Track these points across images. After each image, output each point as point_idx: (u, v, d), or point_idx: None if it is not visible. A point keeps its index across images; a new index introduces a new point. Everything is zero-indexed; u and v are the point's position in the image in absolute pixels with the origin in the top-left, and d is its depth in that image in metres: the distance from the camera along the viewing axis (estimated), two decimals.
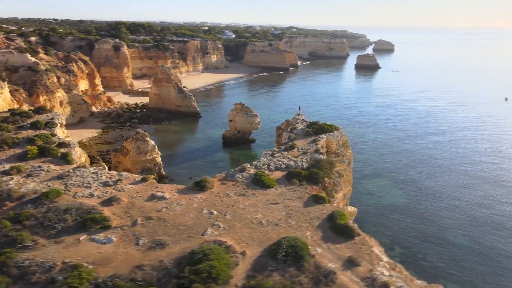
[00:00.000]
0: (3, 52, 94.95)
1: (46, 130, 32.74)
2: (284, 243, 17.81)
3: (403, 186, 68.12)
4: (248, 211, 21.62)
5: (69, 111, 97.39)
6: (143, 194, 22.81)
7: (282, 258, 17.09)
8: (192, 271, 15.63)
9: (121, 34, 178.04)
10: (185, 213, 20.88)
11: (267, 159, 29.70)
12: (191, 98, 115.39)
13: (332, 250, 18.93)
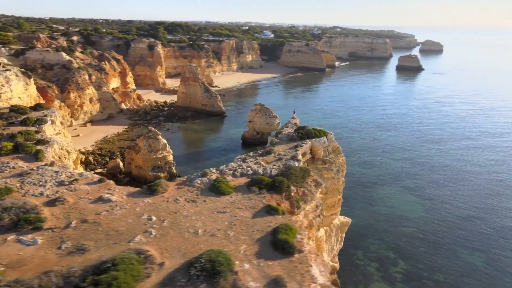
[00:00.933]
0: (41, 50, 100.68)
1: (35, 127, 33.90)
2: (204, 256, 16.79)
3: (421, 195, 63.92)
4: (190, 219, 20.77)
5: (98, 107, 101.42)
6: (92, 195, 22.70)
7: (195, 273, 16.09)
8: (93, 281, 15.10)
9: (159, 34, 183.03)
10: (123, 217, 20.45)
11: (236, 164, 28.65)
12: (216, 98, 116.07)
13: (262, 267, 17.60)
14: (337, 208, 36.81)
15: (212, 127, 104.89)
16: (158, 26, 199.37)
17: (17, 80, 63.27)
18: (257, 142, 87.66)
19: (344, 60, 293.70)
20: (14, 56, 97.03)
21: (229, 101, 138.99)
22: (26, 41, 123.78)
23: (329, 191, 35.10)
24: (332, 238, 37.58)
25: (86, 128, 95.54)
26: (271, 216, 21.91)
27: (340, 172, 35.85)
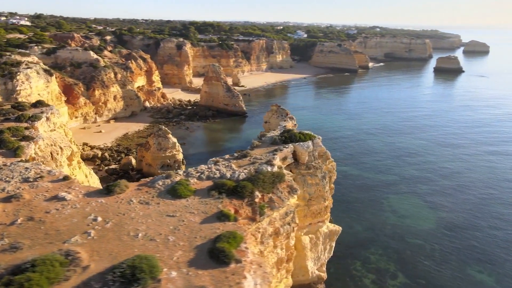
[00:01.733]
0: (70, 49, 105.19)
1: (28, 123, 35.19)
2: (126, 262, 16.41)
3: (436, 205, 60.33)
4: (135, 221, 20.48)
5: (122, 105, 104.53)
6: (50, 193, 23.03)
7: (112, 279, 15.73)
8: (7, 281, 15.14)
9: (189, 34, 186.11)
10: (69, 217, 20.53)
11: (205, 167, 28.10)
12: (238, 97, 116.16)
13: (190, 276, 16.94)
14: (323, 216, 35.32)
15: (231, 126, 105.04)
16: (189, 26, 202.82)
17: (37, 77, 66.32)
18: None
19: (379, 61, 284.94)
20: (46, 55, 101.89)
21: (253, 101, 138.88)
22: (62, 40, 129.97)
23: (314, 198, 33.75)
24: (319, 246, 36.15)
25: (109, 125, 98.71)
26: (221, 223, 21.19)
27: (327, 179, 34.33)
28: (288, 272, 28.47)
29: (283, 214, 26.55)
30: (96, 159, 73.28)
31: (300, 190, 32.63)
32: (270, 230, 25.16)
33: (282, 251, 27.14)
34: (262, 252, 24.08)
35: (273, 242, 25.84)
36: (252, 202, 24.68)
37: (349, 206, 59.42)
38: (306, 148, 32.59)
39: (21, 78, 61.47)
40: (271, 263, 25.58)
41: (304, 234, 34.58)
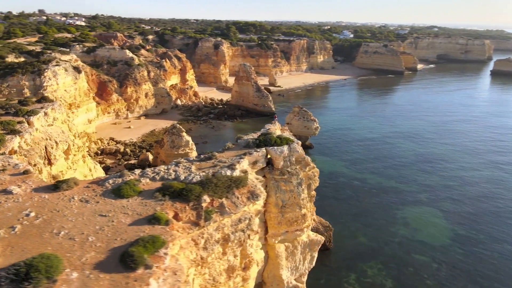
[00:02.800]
0: (108, 48, 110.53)
1: (24, 118, 37.25)
2: (26, 260, 16.55)
3: (456, 221, 55.53)
4: (65, 219, 20.68)
5: (153, 102, 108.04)
6: (3, 186, 23.98)
7: (6, 276, 15.90)
8: None
9: (230, 33, 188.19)
10: (7, 210, 21.18)
11: (164, 168, 27.80)
12: (267, 98, 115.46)
13: (90, 279, 16.70)
14: (301, 224, 33.65)
15: (257, 127, 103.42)
16: (230, 26, 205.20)
17: (65, 74, 70.27)
18: None
19: (431, 63, 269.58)
20: (86, 53, 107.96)
21: (285, 102, 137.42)
22: (106, 39, 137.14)
23: (288, 205, 32.28)
24: (296, 255, 34.57)
25: (139, 121, 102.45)
26: (149, 226, 20.80)
27: (304, 186, 32.65)
28: (245, 280, 27.47)
29: (236, 221, 25.60)
30: (117, 154, 76.30)
31: (273, 196, 31.49)
32: (218, 236, 24.35)
33: (236, 258, 26.24)
34: (204, 258, 23.34)
35: (222, 249, 25.02)
36: (197, 206, 24.03)
37: (358, 214, 56.59)
38: (279, 153, 31.26)
39: (48, 75, 65.48)
40: (219, 270, 24.78)
41: (279, 242, 33.24)
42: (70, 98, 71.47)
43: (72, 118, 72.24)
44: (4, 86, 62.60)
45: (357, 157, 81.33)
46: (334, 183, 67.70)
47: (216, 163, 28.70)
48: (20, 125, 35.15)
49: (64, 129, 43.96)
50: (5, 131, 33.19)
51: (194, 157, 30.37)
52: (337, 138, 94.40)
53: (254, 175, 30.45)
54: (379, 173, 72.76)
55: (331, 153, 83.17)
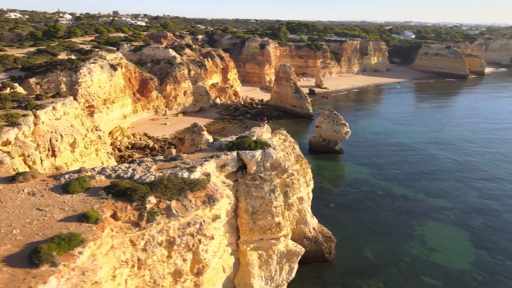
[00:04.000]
0: (153, 47, 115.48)
1: (32, 111, 39.91)
2: None
3: (482, 244, 49.62)
4: (4, 210, 21.43)
5: (191, 100, 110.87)
6: None
7: None
8: None
9: (280, 33, 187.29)
10: None
11: (125, 166, 27.85)
12: (306, 99, 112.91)
13: None
14: (276, 233, 32.05)
15: (290, 129, 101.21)
16: (281, 26, 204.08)
17: (100, 71, 74.51)
18: (323, 150, 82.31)
19: (503, 66, 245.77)
20: (133, 52, 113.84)
21: (327, 104, 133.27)
22: (156, 38, 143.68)
23: (259, 212, 30.93)
24: (271, 265, 33.05)
25: (176, 118, 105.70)
26: (77, 223, 20.99)
27: (277, 193, 31.01)
28: (198, 286, 26.76)
29: (184, 224, 25.04)
30: (146, 149, 79.30)
31: (243, 202, 30.49)
32: (161, 239, 23.98)
33: (185, 263, 25.65)
34: (143, 260, 23.08)
35: (168, 252, 24.60)
36: (141, 206, 23.84)
37: (371, 227, 52.98)
38: (250, 157, 30.06)
39: (83, 72, 69.89)
40: (162, 273, 24.36)
41: (252, 250, 32.05)
42: (104, 94, 75.64)
43: (106, 113, 76.60)
44: (44, 81, 67.93)
45: (389, 165, 76.39)
46: (355, 192, 64.18)
47: (179, 164, 28.32)
48: (23, 118, 37.63)
49: (75, 123, 46.44)
50: (7, 123, 35.72)
51: (162, 157, 30.25)
52: (372, 144, 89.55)
53: (222, 178, 29.66)
54: (408, 184, 67.62)
55: (361, 160, 79.01)
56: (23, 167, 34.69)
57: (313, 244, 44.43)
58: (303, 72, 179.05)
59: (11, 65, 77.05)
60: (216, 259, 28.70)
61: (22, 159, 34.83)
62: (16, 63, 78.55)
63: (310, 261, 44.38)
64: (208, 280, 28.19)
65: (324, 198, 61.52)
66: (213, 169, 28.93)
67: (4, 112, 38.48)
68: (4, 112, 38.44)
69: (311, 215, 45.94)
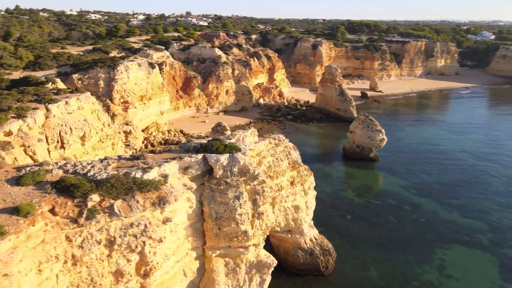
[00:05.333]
0: (200, 46, 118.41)
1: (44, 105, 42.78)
2: None
3: None
4: None
5: (233, 99, 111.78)
6: None
7: None
8: None
9: (337, 34, 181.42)
10: None
11: (86, 162, 28.22)
12: (350, 103, 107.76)
13: None
14: (244, 242, 30.55)
15: (330, 133, 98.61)
16: (339, 26, 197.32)
17: (137, 69, 78.07)
18: (357, 157, 77.79)
19: None
20: (182, 50, 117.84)
21: (377, 109, 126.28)
22: (209, 38, 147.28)
23: (224, 218, 29.74)
24: (239, 274, 31.64)
25: (216, 117, 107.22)
26: (7, 215, 21.83)
27: (242, 200, 29.48)
28: (145, 287, 26.44)
29: (127, 225, 24.90)
30: (178, 145, 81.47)
31: (206, 206, 29.71)
32: (100, 237, 24.11)
33: (129, 263, 25.53)
34: (78, 256, 23.35)
35: (109, 251, 24.64)
36: (82, 203, 24.14)
37: (385, 244, 48.65)
38: (214, 161, 29.01)
39: (120, 69, 73.79)
40: (101, 271, 24.45)
41: (218, 256, 31.04)
42: (141, 91, 79.16)
43: (142, 109, 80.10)
44: (86, 77, 72.93)
45: (427, 178, 69.79)
46: (378, 204, 59.54)
47: (138, 163, 28.26)
48: (32, 111, 40.50)
49: (90, 118, 49.00)
50: (15, 116, 38.70)
51: (129, 155, 30.41)
52: (414, 154, 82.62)
53: (184, 181, 29.08)
54: (443, 200, 61.09)
55: (396, 170, 73.19)
56: (23, 157, 37.30)
57: (308, 256, 41.96)
58: (359, 74, 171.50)
59: (64, 61, 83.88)
60: (172, 262, 28.20)
61: (22, 149, 37.43)
62: (69, 60, 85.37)
63: (304, 273, 42.14)
64: (161, 283, 27.78)
65: (342, 208, 58.03)
66: (174, 170, 28.44)
67: (19, 105, 41.68)
68: (19, 105, 41.65)
69: (310, 225, 43.42)
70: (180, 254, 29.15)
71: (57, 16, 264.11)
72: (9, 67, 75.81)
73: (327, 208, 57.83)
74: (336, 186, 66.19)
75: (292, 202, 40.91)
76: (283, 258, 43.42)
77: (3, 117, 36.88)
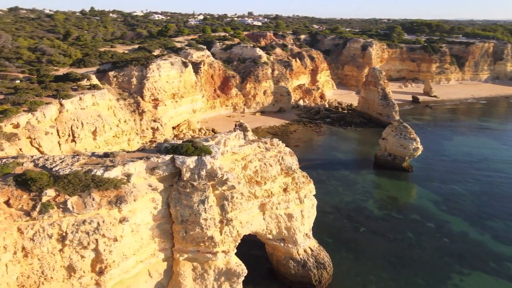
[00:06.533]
0: (242, 46, 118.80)
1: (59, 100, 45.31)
2: None
3: None
4: None
5: (271, 100, 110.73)
6: None
7: None
8: None
9: (392, 34, 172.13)
10: None
11: (58, 158, 28.84)
12: (393, 107, 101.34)
13: None
14: (210, 248, 29.48)
15: (366, 139, 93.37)
16: (396, 25, 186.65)
17: (170, 68, 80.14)
18: (388, 165, 72.86)
19: None
20: (223, 50, 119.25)
21: (427, 115, 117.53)
22: (256, 38, 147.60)
23: (190, 222, 29.01)
24: (207, 280, 30.66)
25: (252, 117, 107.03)
26: None
27: (209, 205, 28.43)
28: (100, 285, 26.60)
29: (80, 221, 25.23)
30: None
31: (173, 208, 29.33)
32: (51, 232, 24.69)
33: (83, 259, 25.84)
34: (28, 249, 24.06)
35: (61, 246, 25.14)
36: (37, 197, 24.87)
37: (395, 263, 44.72)
38: (180, 163, 28.41)
39: (152, 68, 76.25)
40: (53, 265, 24.98)
41: (186, 260, 30.46)
42: (173, 89, 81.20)
43: (173, 107, 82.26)
44: (120, 74, 76.47)
45: (466, 195, 63.14)
46: (399, 219, 54.98)
47: (106, 161, 28.54)
48: (44, 106, 43.07)
49: (104, 114, 51.12)
50: (27, 109, 41.44)
51: (98, 152, 30.82)
52: (457, 167, 75.29)
53: (151, 181, 28.97)
54: (476, 221, 54.78)
55: (430, 183, 67.18)
56: (29, 148, 39.76)
57: (300, 268, 39.84)
58: (414, 77, 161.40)
59: (107, 59, 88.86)
60: (132, 261, 28.16)
61: (29, 141, 39.92)
62: (112, 58, 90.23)
63: (295, 286, 40.10)
64: (120, 282, 27.84)
65: (357, 219, 54.51)
66: (140, 170, 28.35)
67: (34, 99, 44.57)
68: (34, 99, 44.55)
69: (306, 235, 41.23)
70: (144, 254, 28.99)
71: (124, 17, 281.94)
72: (58, 64, 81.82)
73: (340, 218, 54.76)
74: (357, 195, 62.36)
75: (285, 209, 39.19)
76: (276, 268, 41.81)
77: (14, 110, 39.58)
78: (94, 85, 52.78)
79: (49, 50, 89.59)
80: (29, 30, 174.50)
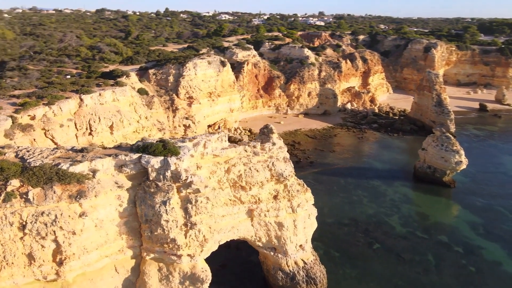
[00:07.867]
0: (290, 46, 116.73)
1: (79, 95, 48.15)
2: None
3: None
4: None
5: (315, 102, 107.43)
6: None
7: None
8: None
9: (465, 35, 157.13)
10: None
11: (39, 150, 30.04)
12: (448, 115, 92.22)
13: None
14: (174, 250, 28.82)
15: (411, 148, 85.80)
16: (469, 26, 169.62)
17: (206, 67, 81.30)
18: (427, 179, 66.45)
19: None
20: (272, 50, 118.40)
21: (492, 125, 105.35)
22: (309, 38, 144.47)
23: (153, 222, 28.74)
24: (173, 283, 30.14)
25: (293, 118, 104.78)
26: None
27: (171, 207, 27.76)
28: (59, 275, 27.47)
29: (39, 212, 26.32)
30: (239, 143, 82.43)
31: (138, 207, 29.45)
32: (12, 220, 26.06)
33: (43, 249, 26.97)
34: None
35: (22, 234, 26.45)
36: (2, 186, 26.38)
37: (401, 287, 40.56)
38: (145, 163, 28.30)
39: (188, 66, 77.94)
40: (14, 251, 26.32)
41: (152, 259, 30.39)
42: (209, 88, 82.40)
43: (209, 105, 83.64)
44: (159, 72, 79.46)
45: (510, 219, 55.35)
46: (422, 239, 49.60)
47: (78, 155, 29.41)
48: (63, 100, 46.08)
49: (124, 110, 53.32)
50: (46, 103, 44.67)
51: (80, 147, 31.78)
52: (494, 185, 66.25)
53: (118, 178, 29.40)
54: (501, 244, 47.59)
55: (472, 202, 59.82)
56: (43, 139, 42.81)
57: (288, 280, 37.82)
58: (487, 82, 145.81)
59: (154, 57, 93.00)
60: (96, 255, 28.77)
61: (43, 132, 42.95)
62: (159, 56, 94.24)
63: None
64: (82, 274, 28.58)
65: (374, 235, 50.33)
66: (108, 167, 28.83)
67: (58, 93, 47.90)
68: (57, 93, 47.88)
69: (300, 247, 38.99)
70: (109, 250, 29.42)
71: (193, 17, 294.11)
72: (108, 61, 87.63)
73: (356, 231, 51.04)
74: (382, 208, 57.65)
75: (275, 218, 37.55)
76: (266, 277, 40.15)
77: (33, 103, 42.90)
78: (117, 82, 55.20)
79: (104, 48, 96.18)
80: (104, 30, 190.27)
